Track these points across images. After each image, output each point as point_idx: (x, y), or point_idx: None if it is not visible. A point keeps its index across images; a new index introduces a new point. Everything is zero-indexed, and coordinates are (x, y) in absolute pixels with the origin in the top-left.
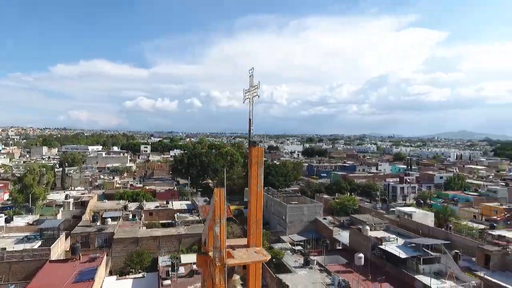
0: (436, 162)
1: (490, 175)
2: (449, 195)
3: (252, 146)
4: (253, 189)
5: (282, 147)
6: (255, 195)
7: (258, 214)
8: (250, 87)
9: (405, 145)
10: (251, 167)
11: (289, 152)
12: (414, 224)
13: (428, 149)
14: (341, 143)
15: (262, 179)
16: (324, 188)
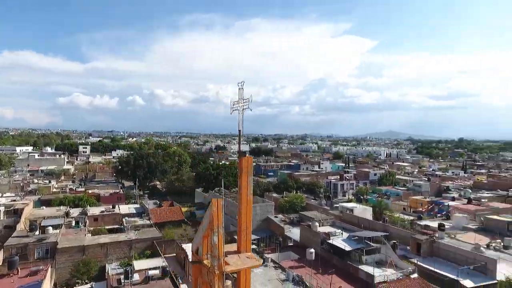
0: (370, 160)
1: (415, 171)
2: (383, 190)
3: (241, 157)
4: (244, 198)
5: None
6: (245, 203)
7: (248, 221)
8: (240, 99)
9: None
10: (241, 177)
11: (236, 151)
12: (356, 218)
13: (362, 148)
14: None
15: (251, 187)
16: (272, 187)
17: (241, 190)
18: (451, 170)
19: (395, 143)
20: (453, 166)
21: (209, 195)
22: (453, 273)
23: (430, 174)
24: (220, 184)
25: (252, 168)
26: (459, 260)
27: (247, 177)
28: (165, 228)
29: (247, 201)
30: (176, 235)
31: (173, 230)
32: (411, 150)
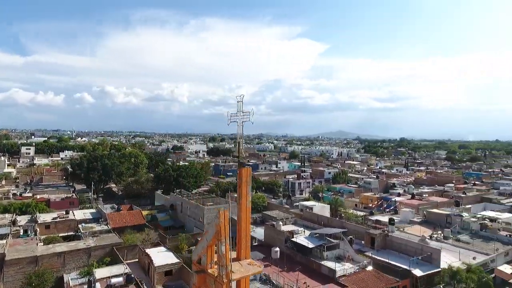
0: (323, 159)
1: (364, 169)
2: (337, 188)
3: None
4: (243, 206)
5: (186, 146)
6: (245, 212)
7: (247, 228)
8: (239, 111)
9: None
10: (241, 186)
11: (194, 151)
12: (315, 216)
13: (315, 147)
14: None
15: (250, 196)
16: (232, 187)
17: (240, 199)
18: (395, 168)
19: (345, 143)
20: (396, 164)
21: (171, 197)
22: (404, 263)
23: (377, 171)
24: (181, 185)
25: (250, 178)
26: (409, 251)
27: (247, 187)
28: (125, 233)
29: (247, 210)
30: (138, 240)
31: (134, 235)
32: (360, 149)
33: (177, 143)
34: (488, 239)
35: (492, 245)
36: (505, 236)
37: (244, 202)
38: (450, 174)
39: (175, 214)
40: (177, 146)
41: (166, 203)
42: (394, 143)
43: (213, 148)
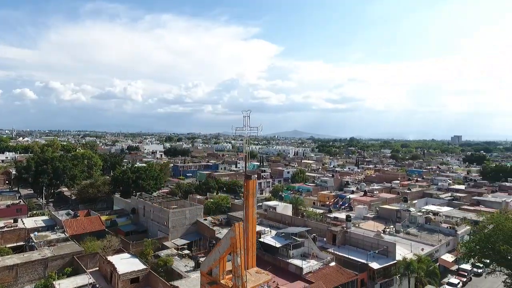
0: (281, 159)
1: (319, 168)
2: (296, 187)
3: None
4: (250, 217)
5: (142, 147)
6: (252, 222)
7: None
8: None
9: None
10: (248, 198)
11: (151, 152)
12: (279, 215)
13: (272, 147)
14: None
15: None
16: (194, 188)
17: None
18: (348, 166)
19: (299, 142)
20: (348, 162)
21: (132, 201)
22: (363, 257)
23: (331, 170)
24: (140, 188)
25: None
26: (366, 246)
27: (253, 198)
28: (85, 241)
29: (253, 220)
30: (99, 248)
31: (94, 242)
32: (314, 149)
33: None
34: (432, 231)
35: (436, 237)
36: (446, 228)
37: (251, 212)
38: (396, 172)
39: (137, 218)
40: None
41: (127, 207)
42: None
43: (171, 148)
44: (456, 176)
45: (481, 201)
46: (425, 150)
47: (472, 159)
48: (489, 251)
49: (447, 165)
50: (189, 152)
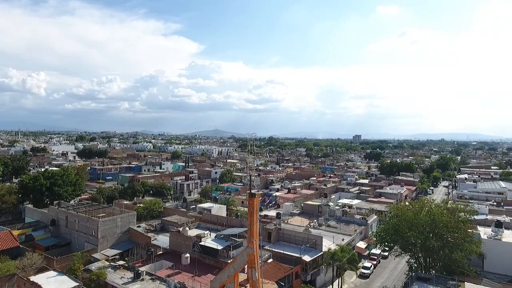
0: (205, 158)
1: (244, 167)
2: (224, 187)
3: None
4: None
5: (49, 147)
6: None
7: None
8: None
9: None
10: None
11: (61, 153)
12: (215, 217)
13: (196, 146)
14: (117, 142)
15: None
16: (118, 193)
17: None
18: (270, 165)
19: (221, 141)
20: (270, 161)
21: (50, 211)
22: (296, 252)
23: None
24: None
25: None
26: (298, 240)
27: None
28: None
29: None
30: (16, 268)
31: (8, 262)
32: (237, 148)
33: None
34: (348, 222)
35: (352, 227)
36: (359, 219)
37: (255, 228)
38: (312, 169)
39: (58, 230)
40: (38, 147)
41: (44, 218)
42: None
43: (85, 149)
44: (360, 171)
45: (382, 193)
46: (333, 148)
47: (371, 156)
48: (397, 237)
49: (352, 162)
50: (106, 153)
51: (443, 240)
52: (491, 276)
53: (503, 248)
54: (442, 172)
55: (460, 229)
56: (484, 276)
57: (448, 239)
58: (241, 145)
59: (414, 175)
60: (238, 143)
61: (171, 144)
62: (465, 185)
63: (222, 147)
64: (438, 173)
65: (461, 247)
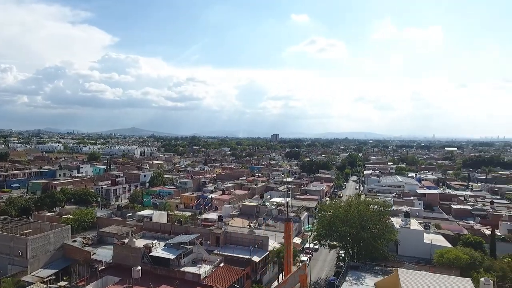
0: (128, 160)
1: (172, 168)
2: (156, 191)
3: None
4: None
5: None
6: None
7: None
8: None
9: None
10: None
11: None
12: (158, 225)
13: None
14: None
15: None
16: (33, 203)
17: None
18: (198, 166)
19: (141, 141)
20: (197, 161)
21: None
22: (245, 253)
23: (184, 170)
24: None
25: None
26: (245, 242)
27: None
28: None
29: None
30: None
31: None
32: (160, 148)
33: None
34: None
35: None
36: (293, 216)
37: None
38: (240, 169)
39: None
40: None
41: None
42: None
43: None
44: (284, 170)
45: (307, 191)
46: (256, 147)
47: (291, 155)
48: (331, 232)
49: (275, 161)
50: (6, 156)
51: (370, 232)
52: (404, 259)
53: (411, 235)
54: (351, 168)
55: (382, 221)
56: (399, 260)
57: (372, 231)
58: (164, 144)
59: (330, 172)
60: (160, 143)
61: (85, 144)
62: (371, 180)
63: (143, 147)
64: (349, 169)
65: (383, 236)
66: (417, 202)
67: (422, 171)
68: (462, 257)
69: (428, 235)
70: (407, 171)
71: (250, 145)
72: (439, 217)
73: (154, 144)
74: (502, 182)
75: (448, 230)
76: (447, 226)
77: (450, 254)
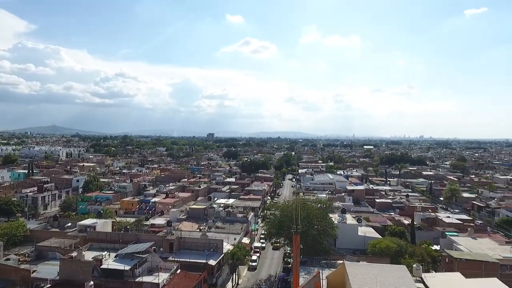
0: (53, 163)
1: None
2: (92, 197)
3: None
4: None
5: None
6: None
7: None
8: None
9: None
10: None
11: None
12: (104, 234)
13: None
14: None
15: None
16: None
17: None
18: (135, 168)
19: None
20: (132, 163)
21: None
22: (201, 258)
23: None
24: None
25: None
26: (199, 246)
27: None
28: None
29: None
30: None
31: None
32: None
33: None
34: (233, 221)
35: (237, 226)
36: (240, 217)
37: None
38: (180, 170)
39: None
40: None
41: None
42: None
43: None
44: (224, 170)
45: (250, 190)
46: (193, 147)
47: (229, 155)
48: (281, 231)
49: (213, 161)
50: None
51: (316, 229)
52: (342, 251)
53: (348, 229)
54: (287, 167)
55: (326, 218)
56: (339, 253)
57: (319, 228)
58: (92, 144)
59: (269, 172)
60: (87, 142)
61: None
62: (306, 178)
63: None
64: (285, 168)
65: (327, 232)
66: (348, 197)
67: (348, 168)
68: (391, 246)
69: (361, 228)
70: (336, 169)
71: (186, 144)
72: (366, 211)
73: (81, 144)
74: (412, 177)
75: (376, 222)
76: (375, 219)
77: (381, 244)
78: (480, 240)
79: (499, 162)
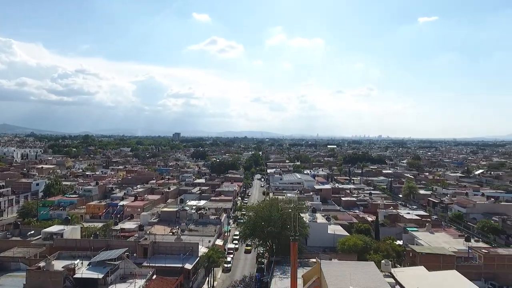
0: (6, 165)
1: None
2: (55, 201)
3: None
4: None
5: None
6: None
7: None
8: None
9: None
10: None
11: None
12: (73, 241)
13: None
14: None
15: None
16: None
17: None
18: (99, 169)
19: (18, 140)
20: (95, 164)
21: None
22: (177, 262)
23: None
24: None
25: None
26: (174, 250)
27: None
28: None
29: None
30: None
31: None
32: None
33: None
34: (206, 223)
35: (210, 228)
36: (213, 219)
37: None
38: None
39: None
40: None
41: None
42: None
43: None
44: (192, 171)
45: (221, 192)
46: (159, 147)
47: (197, 155)
48: (257, 232)
49: (181, 161)
50: None
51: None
52: (313, 250)
53: (318, 228)
54: (256, 167)
55: (300, 219)
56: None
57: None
58: (51, 145)
59: (239, 172)
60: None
61: None
62: (274, 178)
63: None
64: (254, 168)
65: (300, 232)
66: (316, 197)
67: (314, 168)
68: (358, 243)
69: (330, 226)
70: (303, 169)
71: (152, 144)
72: (333, 209)
73: (37, 144)
74: (373, 175)
75: (343, 220)
76: (342, 217)
77: (350, 241)
78: (437, 234)
79: (449, 160)
